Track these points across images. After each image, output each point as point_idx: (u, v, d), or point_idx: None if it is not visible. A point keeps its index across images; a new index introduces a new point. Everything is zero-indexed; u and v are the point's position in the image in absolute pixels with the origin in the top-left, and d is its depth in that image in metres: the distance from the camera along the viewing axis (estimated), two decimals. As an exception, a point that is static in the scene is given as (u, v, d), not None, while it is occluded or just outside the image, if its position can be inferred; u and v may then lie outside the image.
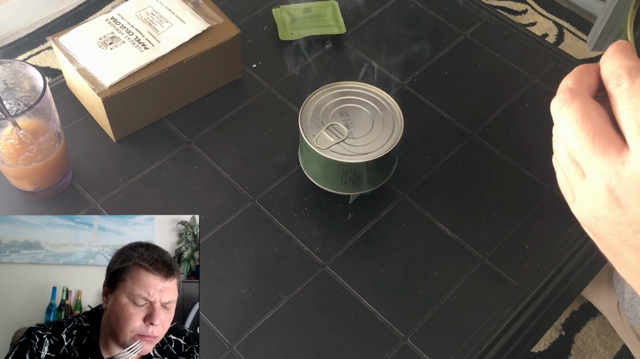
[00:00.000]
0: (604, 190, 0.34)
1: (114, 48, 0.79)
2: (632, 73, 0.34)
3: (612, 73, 0.35)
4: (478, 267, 0.73)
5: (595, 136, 0.34)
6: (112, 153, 0.81)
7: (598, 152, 0.34)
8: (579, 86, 0.36)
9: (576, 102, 0.35)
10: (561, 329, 1.30)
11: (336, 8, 0.95)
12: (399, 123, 0.72)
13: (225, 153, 0.81)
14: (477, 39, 0.95)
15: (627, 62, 0.34)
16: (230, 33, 0.82)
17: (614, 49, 0.36)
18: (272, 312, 0.69)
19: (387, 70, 0.90)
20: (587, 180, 0.35)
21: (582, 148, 0.34)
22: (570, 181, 0.37)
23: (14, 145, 0.68)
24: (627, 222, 0.34)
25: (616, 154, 0.33)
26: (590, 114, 0.34)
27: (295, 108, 0.85)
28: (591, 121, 0.34)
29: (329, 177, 0.72)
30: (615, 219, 0.34)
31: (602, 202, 0.34)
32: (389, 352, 0.67)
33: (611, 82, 0.35)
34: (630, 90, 0.33)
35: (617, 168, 0.33)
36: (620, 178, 0.33)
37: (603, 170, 0.34)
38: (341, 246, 0.74)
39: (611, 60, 0.35)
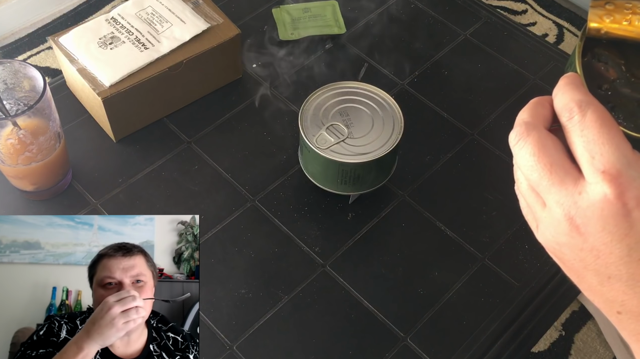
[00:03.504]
0: (564, 219, 0.36)
1: (114, 48, 0.79)
2: (582, 107, 0.36)
3: (564, 106, 0.37)
4: (478, 267, 0.73)
5: (552, 168, 0.36)
6: (112, 153, 0.81)
7: (556, 183, 0.36)
8: (534, 119, 0.38)
9: (532, 135, 0.37)
10: (561, 329, 1.30)
11: (336, 8, 0.95)
12: (399, 123, 0.72)
13: (225, 153, 0.81)
14: (477, 39, 0.95)
15: (577, 95, 0.36)
16: (230, 33, 0.82)
17: (564, 82, 0.38)
18: (272, 312, 0.69)
19: (387, 70, 0.90)
20: (548, 209, 0.37)
21: (541, 180, 0.36)
22: (532, 210, 0.39)
23: (14, 145, 0.68)
24: (588, 249, 0.35)
25: (573, 185, 0.35)
26: (546, 147, 0.36)
27: (295, 108, 0.85)
28: (547, 153, 0.36)
29: (329, 177, 0.72)
30: (577, 246, 0.36)
31: (563, 230, 0.36)
32: (389, 352, 0.67)
33: (564, 116, 0.37)
34: (581, 123, 0.35)
35: (574, 198, 0.35)
36: (579, 208, 0.35)
37: (562, 200, 0.36)
38: (341, 246, 0.74)
39: (562, 94, 0.37)
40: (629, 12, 0.41)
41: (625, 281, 0.35)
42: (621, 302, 0.36)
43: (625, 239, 0.34)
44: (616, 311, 0.37)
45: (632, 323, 0.36)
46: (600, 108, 0.36)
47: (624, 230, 0.34)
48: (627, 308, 0.36)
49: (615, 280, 0.35)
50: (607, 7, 0.42)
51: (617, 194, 0.34)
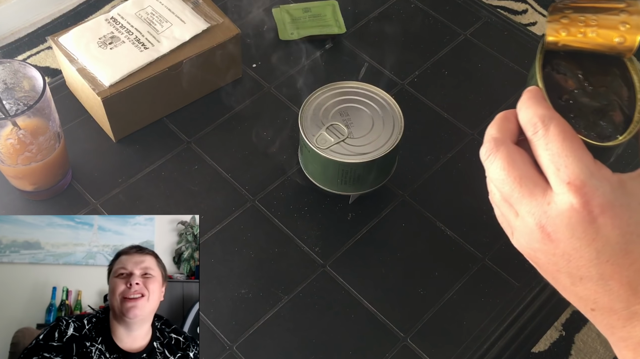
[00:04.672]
0: (536, 227, 0.38)
1: (114, 48, 0.78)
2: (545, 122, 0.38)
3: (528, 121, 0.39)
4: (478, 267, 0.73)
5: (521, 181, 0.38)
6: (111, 153, 0.81)
7: (526, 195, 0.38)
8: (502, 135, 0.40)
9: (501, 150, 0.39)
10: (561, 329, 1.30)
11: (336, 8, 0.95)
12: (399, 123, 0.72)
13: (225, 153, 0.81)
14: (477, 38, 0.95)
15: (540, 110, 0.39)
16: (230, 33, 0.82)
17: (527, 97, 0.40)
18: (272, 312, 0.69)
19: (387, 70, 0.90)
20: (521, 218, 0.39)
21: (512, 192, 0.39)
22: (507, 219, 0.41)
23: (13, 145, 0.68)
24: (559, 254, 0.38)
25: (542, 195, 0.38)
26: (515, 161, 0.39)
27: (295, 108, 0.85)
28: (516, 167, 0.39)
29: (329, 176, 0.72)
30: (550, 251, 0.38)
31: (536, 238, 0.39)
32: (389, 352, 0.67)
33: (528, 130, 0.39)
34: (545, 137, 0.38)
35: (544, 207, 0.38)
36: (549, 217, 0.37)
37: (532, 210, 0.38)
38: (341, 246, 0.74)
39: (526, 109, 0.40)
40: (582, 25, 0.43)
41: (595, 281, 0.38)
42: (594, 300, 0.39)
43: (593, 244, 0.37)
44: (590, 309, 0.40)
45: (605, 318, 0.39)
46: (562, 122, 0.38)
47: (591, 235, 0.36)
48: (600, 305, 0.39)
49: (587, 280, 0.38)
50: (563, 21, 0.44)
51: (582, 203, 0.36)
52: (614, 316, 0.39)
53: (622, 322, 0.38)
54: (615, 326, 0.39)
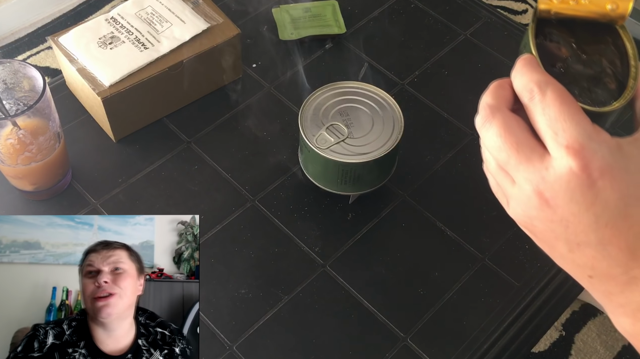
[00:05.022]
0: (533, 194, 0.38)
1: (114, 48, 0.78)
2: (541, 87, 0.38)
3: (524, 87, 0.39)
4: (478, 267, 0.73)
5: (518, 147, 0.38)
6: (112, 153, 0.81)
7: (523, 161, 0.38)
8: (498, 102, 0.40)
9: (497, 117, 0.39)
10: (561, 329, 1.30)
11: (336, 8, 0.95)
12: (399, 123, 0.72)
13: (225, 153, 0.81)
14: (477, 38, 0.95)
15: (535, 75, 0.39)
16: (230, 33, 0.82)
17: (521, 64, 0.40)
18: (272, 312, 0.69)
19: (387, 70, 0.90)
20: (518, 186, 0.39)
21: (509, 159, 0.38)
22: (502, 187, 0.41)
23: (13, 145, 0.68)
24: (557, 220, 0.38)
25: (539, 161, 0.37)
26: (511, 127, 0.39)
27: (295, 108, 0.85)
28: (513, 134, 0.38)
29: (329, 177, 0.72)
30: (547, 218, 0.38)
31: (533, 205, 0.38)
32: (389, 352, 0.67)
33: (525, 96, 0.39)
34: (542, 102, 0.38)
35: (542, 173, 0.37)
36: (547, 182, 0.37)
37: (530, 176, 0.38)
38: (341, 246, 0.74)
39: (521, 75, 0.39)
40: None
41: (594, 247, 0.37)
42: (591, 266, 0.38)
43: (592, 208, 0.36)
44: (587, 276, 0.39)
45: (603, 284, 0.39)
46: (558, 87, 0.38)
47: (590, 199, 0.36)
48: (598, 271, 0.38)
49: (585, 246, 0.38)
50: None
51: (581, 166, 0.36)
52: (612, 282, 0.38)
53: (620, 288, 0.38)
54: (613, 293, 0.39)
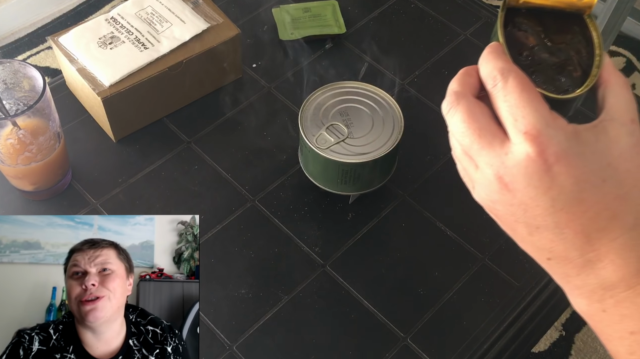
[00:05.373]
0: (494, 178, 0.39)
1: (114, 48, 0.78)
2: (504, 74, 0.39)
3: (488, 74, 0.40)
4: (478, 267, 0.73)
5: (480, 132, 0.39)
6: (112, 153, 0.81)
7: (485, 146, 0.39)
8: (463, 88, 0.41)
9: (461, 103, 0.40)
10: (561, 329, 1.30)
11: (336, 8, 0.95)
12: (399, 123, 0.72)
13: (225, 153, 0.81)
14: (477, 38, 0.95)
15: (500, 63, 0.40)
16: (230, 33, 0.82)
17: (488, 52, 0.41)
18: (272, 312, 0.69)
19: (387, 70, 0.90)
20: (480, 170, 0.40)
21: (472, 144, 0.40)
22: (467, 172, 0.42)
23: (13, 145, 0.68)
24: (517, 203, 0.39)
25: (500, 146, 0.39)
26: (474, 113, 0.40)
27: (295, 108, 0.85)
28: (475, 119, 0.40)
29: (329, 177, 0.72)
30: (507, 202, 0.39)
31: (494, 189, 0.40)
32: (389, 352, 0.67)
33: (488, 83, 0.40)
34: (504, 89, 0.39)
35: (502, 158, 0.39)
36: (506, 167, 0.38)
37: (491, 161, 0.39)
38: (341, 246, 0.74)
39: (486, 63, 0.41)
40: None
41: (552, 230, 0.39)
42: (549, 249, 0.40)
43: (548, 192, 0.38)
44: (546, 258, 0.40)
45: (561, 267, 0.40)
46: (520, 75, 0.39)
47: (546, 183, 0.37)
48: (555, 253, 0.40)
49: (543, 229, 0.39)
50: None
51: (538, 152, 0.37)
52: (569, 264, 0.39)
53: (576, 270, 0.39)
54: (570, 275, 0.40)
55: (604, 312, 0.40)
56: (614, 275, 0.38)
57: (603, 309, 0.40)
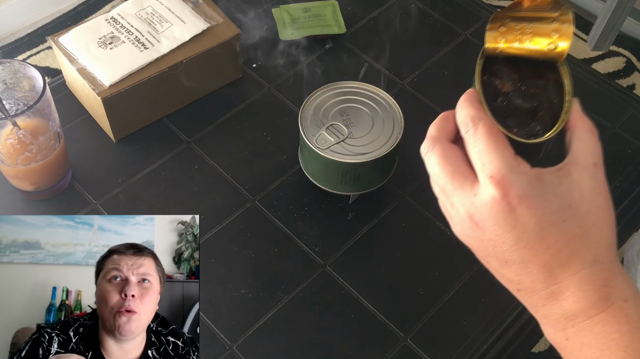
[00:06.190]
0: (466, 216, 0.42)
1: (114, 48, 0.78)
2: (475, 121, 0.43)
3: (462, 121, 0.44)
4: (478, 267, 0.73)
5: (453, 174, 0.43)
6: (111, 153, 0.81)
7: (457, 187, 0.43)
8: (439, 133, 0.45)
9: (437, 147, 0.44)
10: (561, 329, 1.30)
11: (336, 8, 0.95)
12: (399, 123, 0.72)
13: (225, 153, 0.81)
14: (477, 38, 0.95)
15: (472, 111, 0.43)
16: (230, 33, 0.82)
17: (463, 99, 0.45)
18: (272, 312, 0.69)
19: (387, 70, 0.90)
20: (455, 208, 0.43)
21: (446, 185, 0.43)
22: (445, 209, 0.45)
23: (13, 145, 0.68)
24: (487, 240, 0.42)
25: (470, 188, 0.42)
26: (448, 157, 0.43)
27: (295, 108, 0.85)
28: (449, 162, 0.43)
29: (329, 177, 0.72)
30: (478, 238, 0.43)
31: (467, 225, 0.43)
32: (389, 352, 0.67)
33: (462, 129, 0.44)
34: (474, 135, 0.42)
35: (471, 199, 0.42)
36: (476, 207, 0.42)
37: (463, 201, 0.42)
38: (341, 246, 0.74)
39: (461, 110, 0.44)
40: (518, 33, 0.48)
41: (518, 264, 0.42)
42: (518, 281, 0.43)
43: (512, 231, 0.41)
44: (516, 289, 0.44)
45: (529, 298, 0.43)
46: (489, 122, 0.42)
47: (511, 223, 0.40)
48: (523, 285, 0.43)
49: (511, 263, 0.42)
50: (501, 29, 0.48)
51: (502, 194, 0.40)
52: (535, 295, 0.43)
53: (542, 301, 0.43)
54: (538, 305, 0.43)
55: (567, 340, 0.43)
56: (575, 306, 0.41)
57: (566, 338, 0.43)
